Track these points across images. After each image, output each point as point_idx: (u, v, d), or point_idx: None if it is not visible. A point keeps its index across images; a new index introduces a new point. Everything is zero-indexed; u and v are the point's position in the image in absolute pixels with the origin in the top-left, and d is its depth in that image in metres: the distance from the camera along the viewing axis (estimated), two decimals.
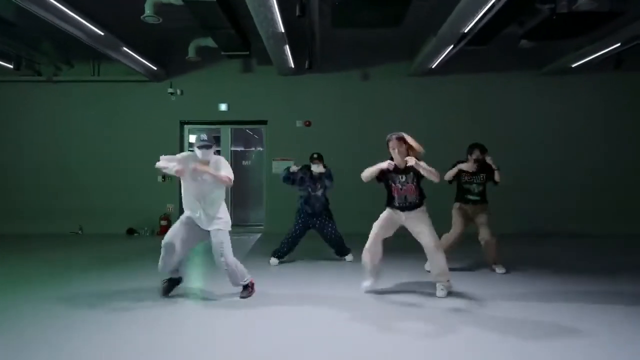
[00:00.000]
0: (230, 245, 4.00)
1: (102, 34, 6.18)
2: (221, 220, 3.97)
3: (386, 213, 4.19)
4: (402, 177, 4.04)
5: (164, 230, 8.46)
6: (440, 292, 4.08)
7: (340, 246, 5.72)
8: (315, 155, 5.57)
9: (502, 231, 8.13)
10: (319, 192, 5.56)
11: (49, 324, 3.35)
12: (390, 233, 4.20)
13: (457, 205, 5.21)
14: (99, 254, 6.44)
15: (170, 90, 8.66)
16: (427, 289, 4.25)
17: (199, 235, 4.03)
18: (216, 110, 8.80)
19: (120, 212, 8.54)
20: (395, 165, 3.99)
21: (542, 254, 6.47)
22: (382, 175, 4.04)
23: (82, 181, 8.72)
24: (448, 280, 4.12)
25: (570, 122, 8.59)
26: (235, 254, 4.04)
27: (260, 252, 6.44)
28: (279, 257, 5.63)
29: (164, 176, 8.69)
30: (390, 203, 4.14)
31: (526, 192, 8.36)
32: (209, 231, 3.95)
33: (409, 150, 3.96)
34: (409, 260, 5.43)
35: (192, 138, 10.97)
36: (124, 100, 8.76)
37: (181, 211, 8.76)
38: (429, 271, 4.56)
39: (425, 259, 4.42)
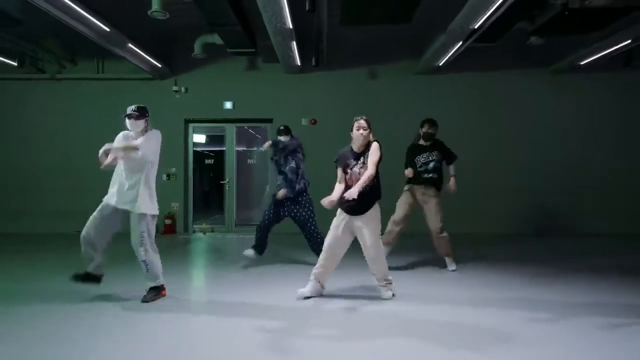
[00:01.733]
0: (153, 235, 3.72)
1: (108, 30, 6.11)
2: (142, 204, 3.63)
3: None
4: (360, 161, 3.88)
5: (168, 229, 8.43)
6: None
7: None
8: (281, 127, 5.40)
9: (513, 230, 8.27)
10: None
11: None
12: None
13: (407, 187, 5.11)
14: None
15: (174, 88, 8.59)
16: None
17: (117, 220, 3.72)
18: (221, 108, 8.72)
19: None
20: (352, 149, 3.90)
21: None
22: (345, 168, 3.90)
23: (86, 180, 8.60)
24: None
25: (580, 121, 8.52)
26: (234, 254, 3.91)
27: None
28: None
29: (169, 174, 8.63)
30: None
31: (540, 192, 8.31)
32: (128, 215, 3.67)
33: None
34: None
35: (197, 137, 10.95)
36: (129, 98, 8.45)
37: (186, 210, 8.89)
38: None
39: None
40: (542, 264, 5.45)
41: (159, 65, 8.03)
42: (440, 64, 7.81)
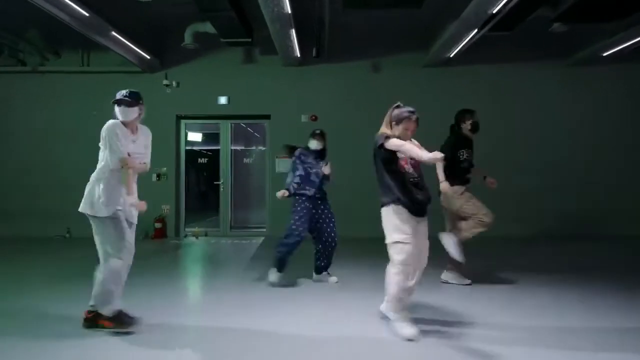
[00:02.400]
0: (110, 239, 2.94)
1: (87, 15, 5.54)
2: (86, 202, 2.99)
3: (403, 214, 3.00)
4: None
5: (159, 233, 7.88)
6: None
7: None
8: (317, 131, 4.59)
9: (526, 232, 7.74)
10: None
11: None
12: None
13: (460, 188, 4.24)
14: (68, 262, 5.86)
15: (165, 81, 8.02)
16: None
17: None
18: (215, 103, 8.17)
19: None
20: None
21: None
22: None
23: (70, 180, 8.04)
24: None
25: (599, 117, 7.97)
26: (236, 261, 3.34)
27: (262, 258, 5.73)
28: (280, 271, 4.42)
29: (159, 175, 8.07)
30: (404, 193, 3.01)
31: (555, 191, 7.77)
32: None
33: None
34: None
35: (192, 136, 10.40)
36: (116, 93, 8.11)
37: (177, 212, 8.34)
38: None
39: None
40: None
41: (148, 57, 7.47)
42: (451, 56, 7.25)
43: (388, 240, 3.01)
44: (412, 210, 2.99)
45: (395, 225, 2.98)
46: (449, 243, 4.06)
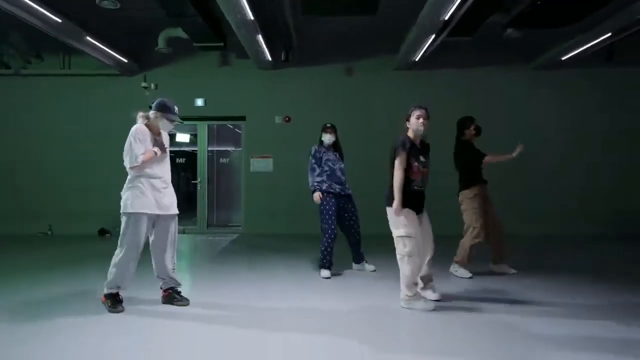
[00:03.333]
0: (124, 233, 3.41)
1: (60, 21, 5.81)
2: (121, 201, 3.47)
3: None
4: (421, 157, 3.54)
5: None
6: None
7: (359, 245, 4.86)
8: (328, 125, 4.82)
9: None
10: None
11: None
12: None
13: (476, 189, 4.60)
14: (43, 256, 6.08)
15: (143, 84, 8.27)
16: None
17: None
18: (192, 105, 8.43)
19: (93, 212, 8.12)
20: (412, 141, 3.51)
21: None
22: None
23: (52, 179, 8.35)
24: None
25: (563, 119, 8.21)
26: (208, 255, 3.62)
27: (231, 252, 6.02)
28: (328, 267, 4.62)
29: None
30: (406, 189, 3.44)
31: (522, 191, 8.03)
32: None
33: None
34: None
35: (180, 137, 10.67)
36: (96, 95, 8.41)
37: None
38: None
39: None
40: None
41: (125, 61, 7.74)
42: (416, 59, 7.51)
43: (394, 235, 3.47)
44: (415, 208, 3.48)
45: (399, 221, 3.42)
46: (456, 272, 4.57)
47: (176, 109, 3.63)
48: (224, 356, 2.63)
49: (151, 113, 3.61)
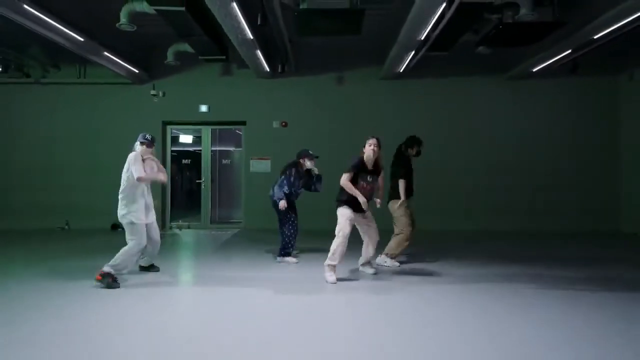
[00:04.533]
0: (129, 235, 4.56)
1: (82, 40, 6.59)
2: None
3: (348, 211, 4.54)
4: (369, 177, 4.54)
5: None
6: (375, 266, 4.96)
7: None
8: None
9: (465, 228, 8.81)
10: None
11: None
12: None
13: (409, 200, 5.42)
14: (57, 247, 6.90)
15: (153, 92, 9.06)
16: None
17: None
18: (197, 111, 9.22)
19: (106, 209, 8.85)
20: (364, 163, 4.50)
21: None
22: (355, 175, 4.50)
23: (69, 179, 9.13)
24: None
25: (534, 125, 9.05)
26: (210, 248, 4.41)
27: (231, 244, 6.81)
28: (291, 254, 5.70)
29: None
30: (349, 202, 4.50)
31: (500, 191, 8.88)
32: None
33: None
34: None
35: (184, 138, 11.40)
36: (109, 102, 9.19)
37: (164, 208, 9.38)
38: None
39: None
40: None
41: (136, 71, 8.52)
42: (401, 71, 8.29)
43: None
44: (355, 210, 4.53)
45: (344, 214, 4.50)
46: (384, 263, 5.36)
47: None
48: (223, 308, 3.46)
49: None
